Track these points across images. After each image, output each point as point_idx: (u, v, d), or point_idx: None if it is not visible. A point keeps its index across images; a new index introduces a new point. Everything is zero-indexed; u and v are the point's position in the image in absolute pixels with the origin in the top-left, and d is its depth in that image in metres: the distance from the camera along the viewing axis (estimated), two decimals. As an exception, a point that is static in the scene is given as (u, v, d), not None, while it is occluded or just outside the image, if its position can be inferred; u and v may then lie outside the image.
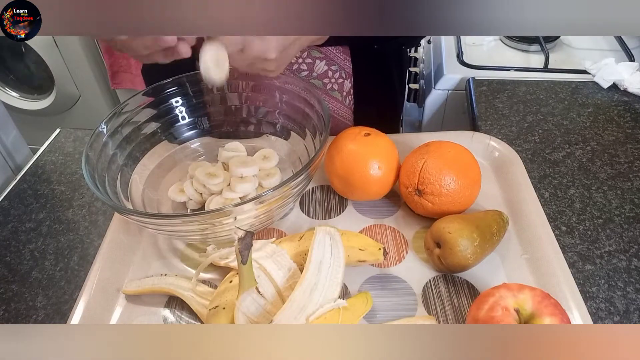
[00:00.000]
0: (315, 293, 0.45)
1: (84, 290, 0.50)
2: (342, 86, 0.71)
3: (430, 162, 0.53)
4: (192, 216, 0.47)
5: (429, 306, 0.49)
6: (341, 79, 0.70)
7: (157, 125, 0.61)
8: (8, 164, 0.76)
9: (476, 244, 0.49)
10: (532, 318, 0.40)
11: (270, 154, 0.61)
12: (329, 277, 0.46)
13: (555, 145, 0.71)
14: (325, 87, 0.70)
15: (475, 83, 0.86)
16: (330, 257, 0.47)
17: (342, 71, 0.70)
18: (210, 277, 0.53)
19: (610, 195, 0.62)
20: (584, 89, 0.83)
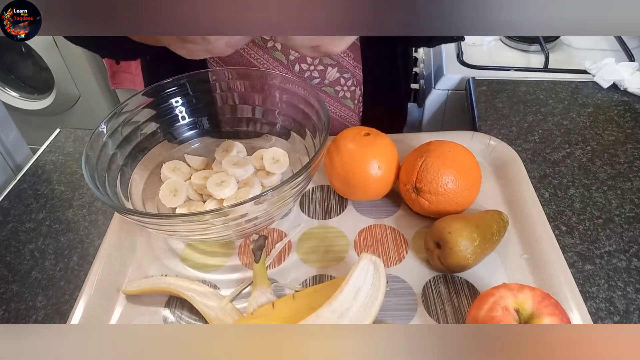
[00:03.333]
0: (345, 318, 0.43)
1: (84, 290, 0.50)
2: (354, 94, 0.71)
3: (430, 161, 0.53)
4: (192, 216, 0.47)
5: (429, 306, 0.49)
6: (353, 87, 0.70)
7: (157, 125, 0.61)
8: (8, 164, 0.76)
9: (476, 244, 0.49)
10: (532, 318, 0.40)
11: (281, 156, 0.60)
12: (363, 306, 0.44)
13: (555, 145, 0.71)
14: (337, 94, 0.70)
15: (475, 83, 0.86)
16: (370, 287, 0.45)
17: (354, 79, 0.69)
18: (210, 277, 0.53)
19: (610, 195, 0.62)
20: (584, 89, 0.83)
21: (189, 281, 0.51)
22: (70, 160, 0.75)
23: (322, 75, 0.68)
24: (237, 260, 0.55)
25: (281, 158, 0.59)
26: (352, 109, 0.71)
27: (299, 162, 0.61)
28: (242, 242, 0.57)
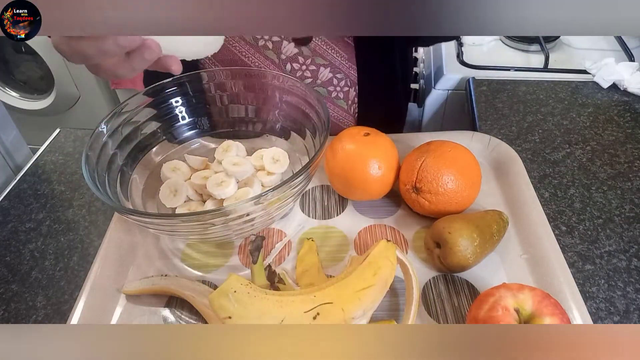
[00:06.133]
0: None
1: (84, 290, 0.50)
2: (348, 94, 0.70)
3: (429, 161, 0.53)
4: (192, 216, 0.47)
5: (429, 306, 0.49)
6: (347, 87, 0.70)
7: (157, 125, 0.61)
8: (8, 164, 0.76)
9: (476, 244, 0.49)
10: (532, 318, 0.40)
11: (281, 156, 0.60)
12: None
13: (555, 145, 0.71)
14: (330, 95, 0.70)
15: (475, 83, 0.86)
16: None
17: (347, 79, 0.69)
18: (210, 277, 0.53)
19: (610, 195, 0.62)
20: (584, 88, 0.83)
21: (189, 281, 0.51)
22: (70, 160, 0.75)
23: (314, 75, 0.68)
24: (237, 260, 0.55)
25: (281, 158, 0.59)
26: (346, 110, 0.71)
27: (299, 162, 0.61)
28: (242, 242, 0.57)
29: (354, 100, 0.71)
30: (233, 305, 0.41)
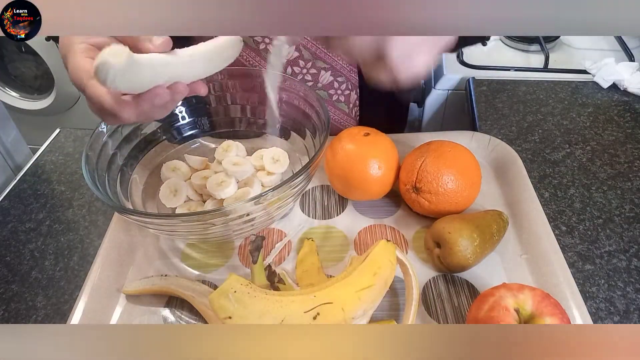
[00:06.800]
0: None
1: (84, 290, 0.50)
2: (349, 98, 0.70)
3: (429, 161, 0.53)
4: (192, 216, 0.47)
5: (429, 306, 0.49)
6: (347, 91, 0.69)
7: (157, 125, 0.61)
8: (8, 164, 0.76)
9: (476, 244, 0.49)
10: (532, 318, 0.40)
11: (281, 156, 0.60)
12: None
13: (555, 145, 0.71)
14: (330, 98, 0.70)
15: (475, 83, 0.86)
16: None
17: (349, 82, 0.69)
18: (210, 277, 0.53)
19: (610, 195, 0.62)
20: (584, 88, 0.83)
21: (189, 281, 0.51)
22: (70, 160, 0.75)
23: (315, 78, 0.68)
24: (237, 260, 0.55)
25: (281, 158, 0.59)
26: (347, 113, 0.71)
27: (299, 162, 0.61)
28: (242, 242, 0.57)
29: (355, 104, 0.71)
30: (233, 305, 0.41)
